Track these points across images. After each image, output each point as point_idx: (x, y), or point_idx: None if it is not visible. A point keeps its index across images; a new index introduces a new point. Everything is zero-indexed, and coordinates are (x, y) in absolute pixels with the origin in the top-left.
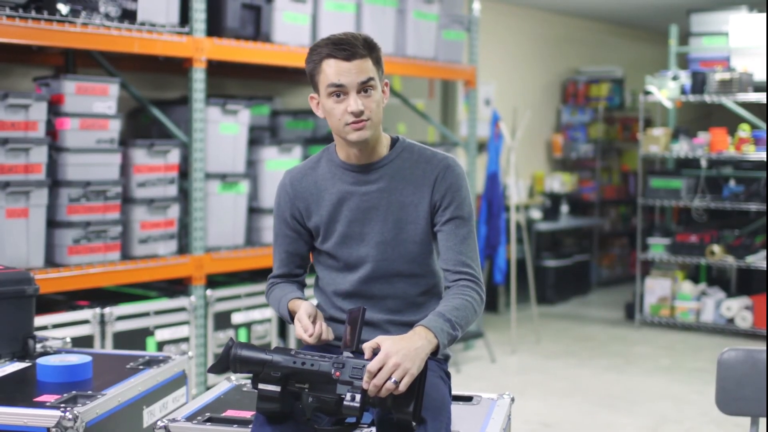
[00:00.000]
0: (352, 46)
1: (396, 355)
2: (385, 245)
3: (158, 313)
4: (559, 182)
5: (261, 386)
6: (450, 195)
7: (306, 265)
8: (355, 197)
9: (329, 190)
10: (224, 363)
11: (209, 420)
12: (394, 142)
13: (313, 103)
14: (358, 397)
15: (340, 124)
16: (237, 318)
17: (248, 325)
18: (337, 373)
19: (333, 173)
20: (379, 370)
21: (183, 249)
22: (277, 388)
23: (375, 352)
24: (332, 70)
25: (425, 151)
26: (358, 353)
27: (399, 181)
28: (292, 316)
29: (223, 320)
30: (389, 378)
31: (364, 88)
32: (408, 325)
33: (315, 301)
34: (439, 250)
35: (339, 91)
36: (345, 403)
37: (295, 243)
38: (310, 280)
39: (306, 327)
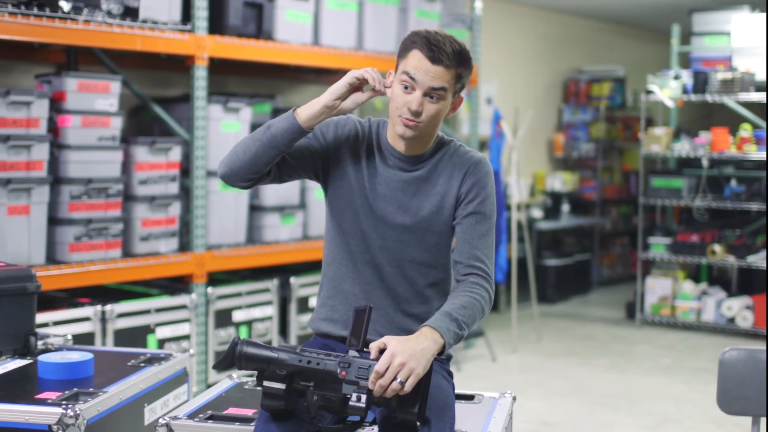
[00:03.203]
0: (441, 52)
1: (402, 354)
2: (403, 228)
3: (159, 310)
4: (561, 181)
5: (266, 383)
6: (475, 190)
7: (288, 171)
8: (383, 176)
9: (366, 160)
10: (229, 359)
11: (211, 418)
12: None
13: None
14: (363, 397)
15: (396, 112)
16: (238, 316)
17: (249, 323)
18: (343, 373)
19: (377, 146)
20: (386, 370)
21: (184, 247)
22: (281, 386)
23: (381, 352)
24: (414, 62)
25: (460, 147)
26: (364, 352)
27: (433, 172)
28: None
29: (224, 318)
30: (395, 378)
31: (432, 93)
32: (412, 316)
33: None
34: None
35: (409, 83)
36: (350, 403)
37: (305, 150)
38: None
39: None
